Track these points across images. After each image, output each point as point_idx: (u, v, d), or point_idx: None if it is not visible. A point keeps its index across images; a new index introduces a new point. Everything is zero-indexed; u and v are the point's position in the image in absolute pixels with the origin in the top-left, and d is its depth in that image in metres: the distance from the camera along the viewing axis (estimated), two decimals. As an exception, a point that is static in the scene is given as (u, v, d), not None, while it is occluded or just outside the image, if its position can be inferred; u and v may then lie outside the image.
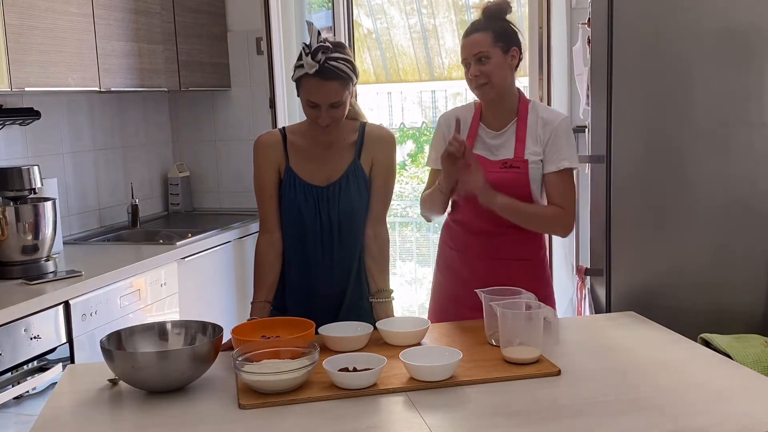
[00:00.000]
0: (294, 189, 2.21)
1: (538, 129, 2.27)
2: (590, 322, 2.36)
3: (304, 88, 2.10)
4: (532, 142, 2.26)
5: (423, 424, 1.56)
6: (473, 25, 2.26)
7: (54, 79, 2.99)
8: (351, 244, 2.24)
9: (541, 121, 2.27)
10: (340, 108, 2.11)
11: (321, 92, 2.07)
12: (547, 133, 2.26)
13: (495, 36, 2.21)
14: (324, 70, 2.05)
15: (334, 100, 2.08)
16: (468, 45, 2.23)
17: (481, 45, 2.21)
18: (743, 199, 2.58)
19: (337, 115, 2.12)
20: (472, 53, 2.22)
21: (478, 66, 2.21)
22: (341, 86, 2.08)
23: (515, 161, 2.25)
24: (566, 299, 3.49)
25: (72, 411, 1.72)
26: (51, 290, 2.56)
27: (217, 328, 1.87)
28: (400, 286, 6.03)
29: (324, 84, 2.06)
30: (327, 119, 2.10)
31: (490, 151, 2.30)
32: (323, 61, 2.05)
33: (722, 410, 1.61)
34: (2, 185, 2.73)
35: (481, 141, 2.31)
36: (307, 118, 2.16)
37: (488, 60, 2.21)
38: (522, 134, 2.27)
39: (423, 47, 6.02)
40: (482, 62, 2.21)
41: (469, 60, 2.22)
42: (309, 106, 2.11)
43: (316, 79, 2.06)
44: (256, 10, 4.10)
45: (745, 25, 2.52)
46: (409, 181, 6.91)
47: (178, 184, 4.28)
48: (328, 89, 2.07)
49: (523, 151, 2.26)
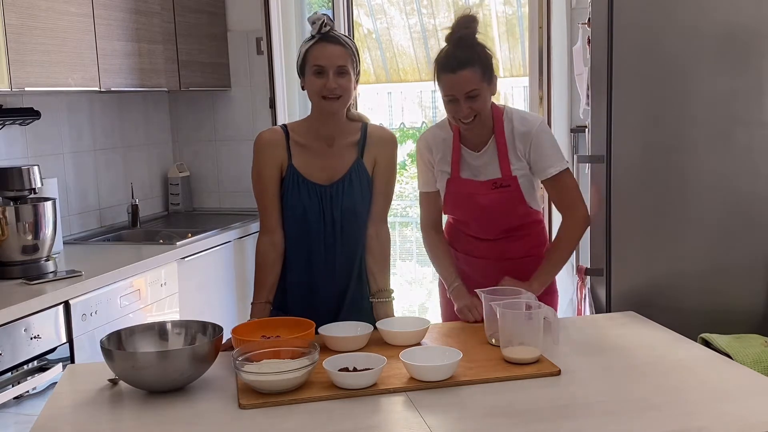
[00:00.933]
0: (298, 187, 2.20)
1: (516, 143, 2.24)
2: (590, 322, 2.36)
3: (310, 57, 2.13)
4: (515, 157, 2.25)
5: (423, 424, 1.56)
6: (456, 59, 2.12)
7: (54, 79, 2.99)
8: (353, 244, 2.24)
9: (518, 134, 2.24)
10: (345, 77, 2.12)
11: (327, 53, 2.11)
12: (526, 145, 2.24)
13: (482, 71, 2.13)
14: (329, 35, 2.13)
15: (339, 62, 2.11)
16: (458, 82, 2.11)
17: (471, 83, 2.11)
18: (743, 199, 2.58)
19: (344, 84, 2.13)
20: (464, 91, 2.12)
21: (468, 103, 2.13)
22: (346, 52, 2.13)
23: (504, 180, 2.25)
24: (566, 299, 3.49)
25: (72, 411, 1.72)
26: (51, 290, 2.56)
27: (217, 328, 1.88)
28: (400, 286, 6.02)
29: (329, 46, 2.12)
30: (333, 84, 2.11)
31: (476, 173, 2.29)
32: (329, 28, 2.13)
33: (722, 410, 1.60)
34: (2, 185, 2.73)
35: (465, 163, 2.30)
36: (313, 97, 2.16)
37: (478, 97, 2.14)
38: (503, 150, 2.25)
39: (423, 47, 6.02)
40: (472, 99, 2.14)
41: (457, 97, 2.13)
42: (315, 74, 2.12)
43: (322, 43, 2.12)
44: (256, 10, 4.11)
45: (745, 25, 2.51)
46: (410, 181, 6.91)
47: (178, 184, 4.28)
48: (334, 51, 2.12)
49: (509, 168, 2.24)
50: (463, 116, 2.16)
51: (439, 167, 2.33)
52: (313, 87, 2.14)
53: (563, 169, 2.27)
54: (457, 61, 2.12)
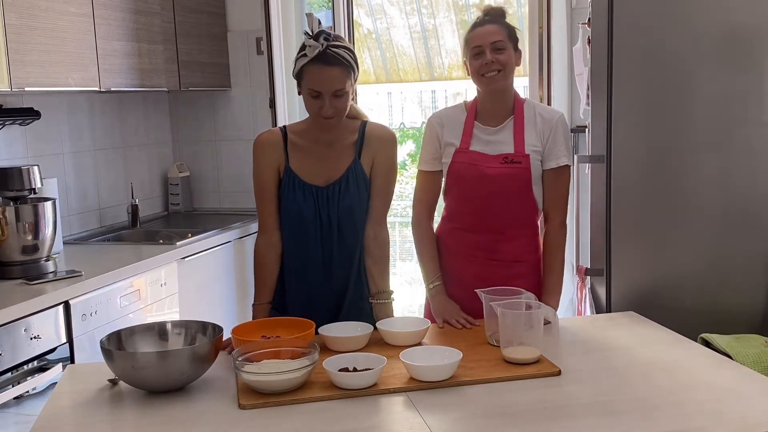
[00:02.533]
0: (293, 189, 2.20)
1: (537, 124, 2.26)
2: (590, 322, 2.36)
3: (306, 77, 2.09)
4: (532, 137, 2.25)
5: (423, 424, 1.56)
6: (484, 18, 2.25)
7: (54, 79, 2.98)
8: (351, 245, 2.23)
9: (540, 117, 2.27)
10: (342, 98, 2.10)
11: (324, 78, 2.06)
12: (547, 129, 2.25)
13: (508, 33, 2.23)
14: (326, 55, 2.06)
15: (337, 87, 2.07)
16: (484, 33, 2.21)
17: (498, 35, 2.21)
18: (743, 198, 2.58)
19: (340, 105, 2.10)
20: (489, 41, 2.20)
21: (494, 54, 2.20)
22: (343, 73, 2.08)
23: (516, 156, 2.24)
24: (566, 299, 3.49)
25: (72, 411, 1.72)
26: (51, 290, 2.56)
27: (217, 328, 1.87)
28: (399, 286, 6.03)
29: (326, 69, 2.06)
30: (330, 109, 2.09)
31: (487, 147, 2.27)
32: (325, 46, 2.06)
33: (722, 410, 1.60)
34: (2, 185, 2.72)
35: (477, 138, 2.29)
36: (309, 112, 2.14)
37: (504, 50, 2.21)
38: (520, 128, 2.26)
39: (423, 47, 6.02)
40: (498, 50, 2.20)
41: (483, 48, 2.20)
42: (311, 96, 2.09)
43: (319, 66, 2.06)
44: (256, 10, 4.10)
45: (745, 26, 2.51)
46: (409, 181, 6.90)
47: (178, 184, 4.28)
48: (331, 75, 2.06)
49: (523, 145, 2.24)
50: (488, 66, 2.20)
51: (448, 140, 2.30)
52: (309, 106, 2.13)
53: (568, 165, 2.28)
54: (483, 19, 2.25)
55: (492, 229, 2.28)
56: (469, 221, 2.31)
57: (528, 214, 2.30)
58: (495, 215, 2.27)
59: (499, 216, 2.27)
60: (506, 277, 2.22)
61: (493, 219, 2.27)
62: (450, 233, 2.36)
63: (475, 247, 2.30)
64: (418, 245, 2.38)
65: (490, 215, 2.27)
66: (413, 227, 2.39)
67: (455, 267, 2.35)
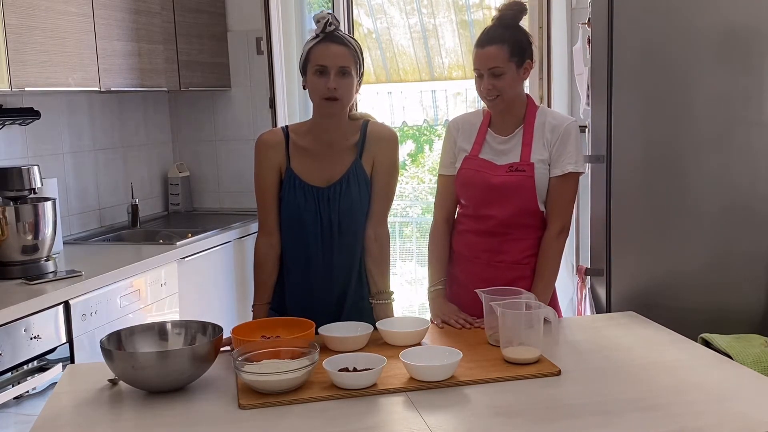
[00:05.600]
0: (294, 190, 2.20)
1: (546, 133, 2.24)
2: (590, 322, 2.36)
3: (312, 57, 2.12)
4: (539, 146, 2.23)
5: (423, 424, 1.56)
6: (488, 35, 2.19)
7: (54, 79, 2.99)
8: (351, 246, 2.23)
9: (549, 125, 2.24)
10: (347, 79, 2.11)
11: (330, 53, 2.10)
12: (555, 137, 2.22)
13: (510, 50, 2.16)
14: (333, 35, 2.12)
15: (342, 63, 2.10)
16: (482, 58, 2.17)
17: (495, 60, 2.15)
18: (743, 198, 2.58)
19: (345, 86, 2.11)
20: (487, 67, 2.16)
21: (491, 80, 2.17)
22: (349, 53, 2.12)
23: (521, 164, 2.23)
24: (566, 299, 3.49)
25: (72, 411, 1.72)
26: (51, 290, 2.56)
27: (217, 328, 1.87)
28: (400, 286, 6.03)
29: (333, 46, 2.11)
30: (334, 84, 2.09)
31: (496, 156, 2.27)
32: (334, 27, 2.13)
33: (722, 410, 1.61)
34: (2, 185, 2.73)
35: (488, 146, 2.29)
36: (313, 99, 2.15)
37: (502, 75, 2.16)
38: (528, 138, 2.24)
39: (423, 47, 6.02)
40: (496, 77, 2.17)
41: (482, 72, 2.18)
42: (317, 73, 2.11)
43: (325, 43, 2.11)
44: (256, 10, 4.10)
45: (745, 26, 2.52)
46: (409, 181, 6.91)
47: (178, 184, 4.28)
48: (337, 50, 2.11)
49: (529, 154, 2.23)
50: (485, 92, 2.20)
51: (462, 145, 2.31)
52: (314, 86, 2.13)
53: (578, 172, 2.23)
54: (487, 37, 2.19)
55: (495, 234, 2.28)
56: (473, 225, 2.32)
57: (532, 221, 2.28)
58: (499, 222, 2.27)
59: (504, 211, 2.27)
60: (509, 280, 2.22)
61: (496, 225, 2.27)
62: (456, 236, 2.37)
63: (479, 249, 2.31)
64: (428, 247, 2.42)
65: (493, 222, 2.27)
66: (432, 230, 2.42)
67: (461, 270, 2.36)
